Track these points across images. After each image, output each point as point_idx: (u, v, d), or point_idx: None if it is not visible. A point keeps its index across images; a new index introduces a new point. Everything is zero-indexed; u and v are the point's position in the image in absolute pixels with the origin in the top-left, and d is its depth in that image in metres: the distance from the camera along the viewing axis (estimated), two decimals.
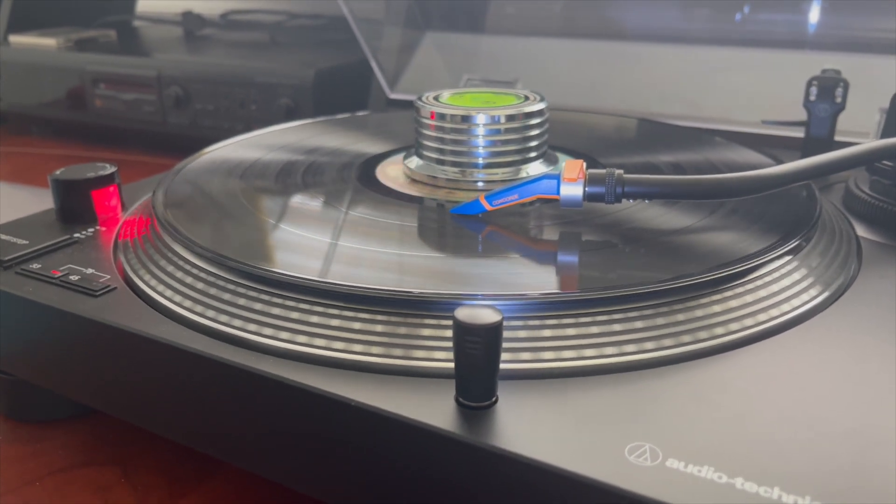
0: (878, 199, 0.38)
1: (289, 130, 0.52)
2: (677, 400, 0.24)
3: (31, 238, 0.37)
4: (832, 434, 0.22)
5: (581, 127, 0.53)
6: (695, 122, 0.57)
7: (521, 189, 0.34)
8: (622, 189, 0.32)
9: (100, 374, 0.32)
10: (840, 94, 0.47)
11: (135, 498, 0.32)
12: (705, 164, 0.43)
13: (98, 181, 0.39)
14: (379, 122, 0.56)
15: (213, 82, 0.73)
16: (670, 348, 0.26)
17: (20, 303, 0.32)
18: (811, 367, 0.25)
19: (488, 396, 0.23)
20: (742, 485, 0.20)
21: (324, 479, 0.26)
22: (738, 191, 0.33)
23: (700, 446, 0.21)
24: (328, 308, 0.28)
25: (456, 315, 0.22)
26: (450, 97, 0.41)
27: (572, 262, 0.32)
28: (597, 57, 0.66)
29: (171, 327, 0.29)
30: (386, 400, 0.24)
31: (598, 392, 0.24)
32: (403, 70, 0.72)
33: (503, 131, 0.38)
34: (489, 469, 0.22)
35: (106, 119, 0.80)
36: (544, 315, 0.27)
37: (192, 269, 0.31)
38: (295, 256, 0.32)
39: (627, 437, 0.22)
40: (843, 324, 0.28)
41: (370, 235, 0.34)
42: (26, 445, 0.36)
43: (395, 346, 0.26)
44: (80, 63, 0.80)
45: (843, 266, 0.32)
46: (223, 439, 0.29)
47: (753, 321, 0.28)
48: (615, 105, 0.62)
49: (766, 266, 0.30)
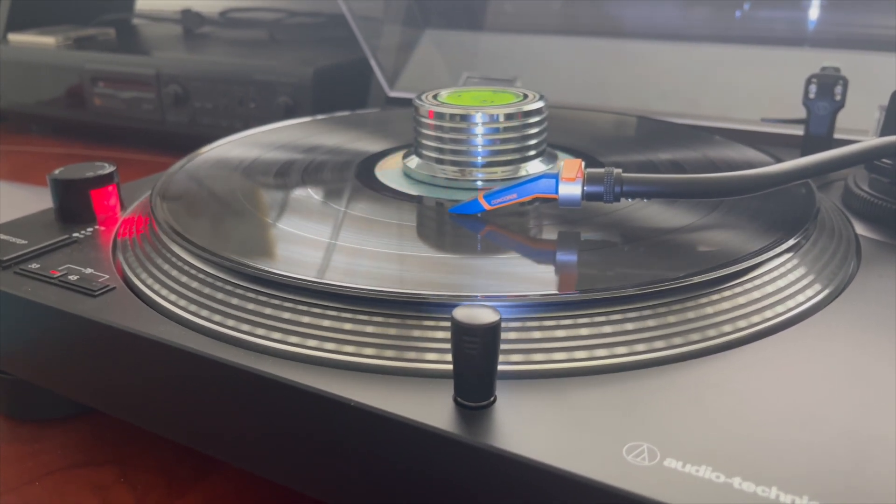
0: (877, 197, 0.38)
1: (288, 128, 0.52)
2: (675, 400, 0.24)
3: (29, 238, 0.37)
4: (831, 433, 0.22)
5: (580, 125, 0.53)
6: (694, 119, 0.57)
7: (520, 188, 0.34)
8: (621, 188, 0.32)
9: (98, 374, 0.32)
10: (839, 92, 0.47)
11: (133, 497, 0.33)
12: (704, 162, 0.43)
13: (97, 181, 0.39)
14: (378, 121, 0.56)
15: (212, 80, 0.73)
16: (669, 348, 0.26)
17: (19, 303, 0.32)
18: (810, 366, 0.25)
19: (487, 396, 0.23)
20: (740, 484, 0.20)
21: (322, 478, 0.26)
22: (736, 189, 0.33)
23: (698, 446, 0.21)
24: (327, 310, 0.28)
25: (454, 315, 0.22)
26: (448, 96, 0.41)
27: (571, 262, 0.32)
28: (596, 54, 0.66)
29: (171, 327, 0.29)
30: (384, 400, 0.24)
31: (597, 392, 0.24)
32: (403, 68, 0.72)
33: (502, 130, 0.38)
34: (488, 469, 0.22)
35: (105, 117, 0.80)
36: (543, 315, 0.27)
37: (190, 270, 0.31)
38: (294, 256, 0.32)
39: (625, 436, 0.22)
40: (843, 322, 0.28)
41: (369, 234, 0.34)
42: (25, 445, 0.36)
43: (393, 346, 0.26)
44: (78, 61, 0.80)
45: (842, 264, 0.32)
46: (222, 439, 0.29)
47: (752, 320, 0.28)
48: (614, 103, 0.62)
49: (765, 264, 0.30)
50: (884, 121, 0.42)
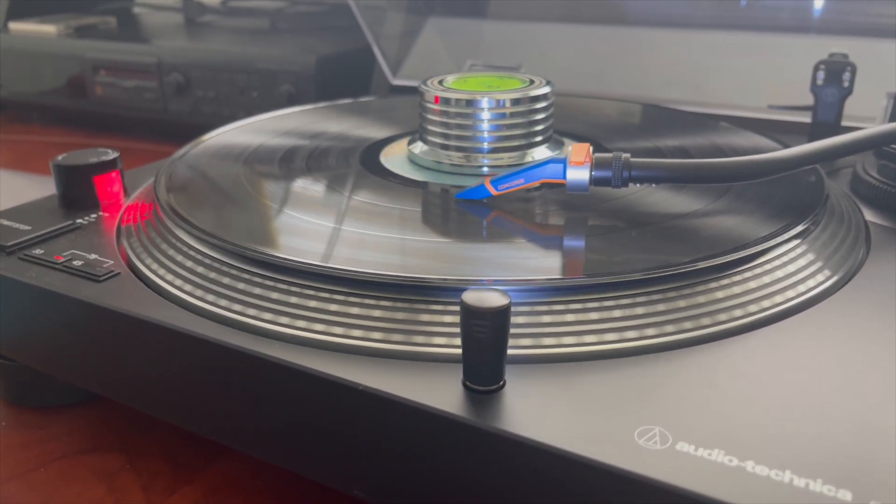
0: (886, 183, 0.37)
1: (291, 116, 0.52)
2: (687, 384, 0.23)
3: (33, 224, 0.36)
4: (843, 418, 0.22)
5: (586, 112, 0.53)
6: (700, 107, 0.57)
7: (527, 173, 0.33)
8: (629, 173, 0.32)
9: (103, 360, 0.31)
10: (847, 79, 0.46)
11: (139, 484, 0.32)
12: (711, 148, 0.43)
13: (100, 167, 0.39)
14: (382, 108, 0.56)
15: (213, 69, 0.73)
16: (679, 333, 0.26)
17: (23, 288, 0.32)
18: (821, 351, 0.25)
19: (496, 380, 0.23)
20: (753, 468, 0.20)
21: (330, 463, 0.26)
22: (746, 174, 0.32)
23: (710, 430, 0.21)
24: (334, 294, 0.27)
25: (463, 298, 0.22)
26: (454, 81, 0.41)
27: (579, 247, 0.31)
28: (601, 42, 0.65)
29: (176, 312, 0.29)
30: (393, 384, 0.24)
31: (607, 376, 0.24)
32: (406, 56, 0.72)
33: (508, 115, 0.38)
34: (497, 453, 0.22)
35: (106, 106, 0.80)
36: (552, 300, 0.27)
37: (196, 255, 0.31)
38: (300, 241, 0.31)
39: (637, 420, 0.22)
40: (852, 308, 0.28)
41: (374, 220, 0.33)
42: (31, 432, 0.36)
43: (402, 331, 0.26)
44: (79, 50, 0.80)
45: (851, 250, 0.32)
46: (228, 425, 0.29)
47: (762, 305, 0.27)
48: (619, 91, 0.61)
49: (774, 250, 0.30)
50: (892, 107, 0.42)
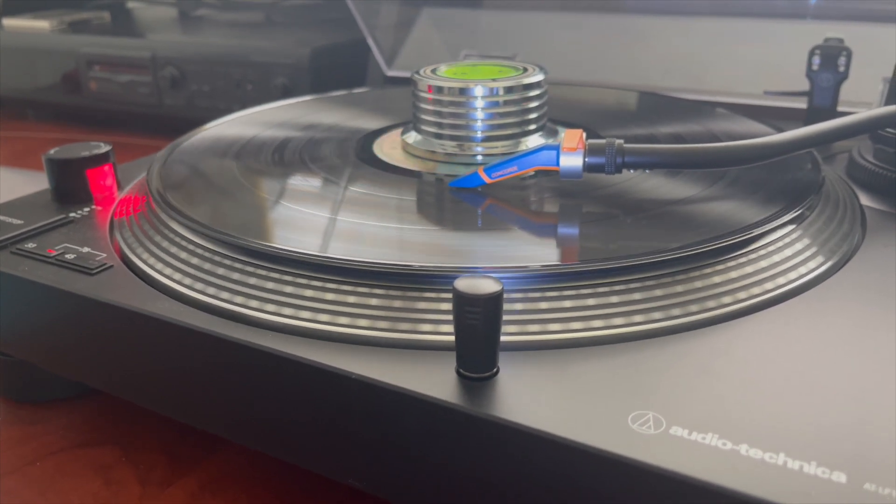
0: (881, 167, 0.37)
1: (285, 108, 0.51)
2: (680, 369, 0.23)
3: (26, 218, 0.36)
4: (836, 401, 0.22)
5: (581, 101, 0.52)
6: (696, 94, 0.57)
7: (520, 161, 0.33)
8: (622, 159, 0.32)
9: (98, 353, 0.31)
10: (843, 63, 0.46)
11: (136, 477, 0.32)
12: (707, 135, 0.43)
13: (92, 160, 0.39)
14: (376, 99, 0.55)
15: (208, 63, 0.72)
16: (673, 318, 0.26)
17: (16, 282, 0.32)
18: (815, 336, 0.25)
19: (489, 367, 0.23)
20: (747, 451, 0.20)
21: (325, 453, 0.26)
22: (740, 159, 0.32)
23: (704, 414, 0.21)
24: (327, 283, 0.27)
25: (456, 285, 0.22)
26: (447, 70, 0.41)
27: (573, 234, 0.31)
28: (596, 31, 0.65)
29: (170, 304, 0.29)
30: (386, 373, 0.24)
31: (601, 362, 0.24)
32: (401, 47, 0.71)
33: (502, 104, 0.38)
34: (491, 440, 0.22)
35: (101, 101, 0.80)
36: (545, 287, 0.26)
37: (189, 246, 0.31)
38: (294, 231, 0.31)
39: (630, 405, 0.22)
40: (847, 292, 0.28)
41: (368, 209, 0.33)
42: (26, 426, 0.36)
43: (395, 319, 0.26)
44: (73, 45, 0.80)
45: (847, 235, 0.32)
46: (225, 416, 0.29)
47: (757, 290, 0.27)
48: (616, 79, 0.61)
49: (769, 235, 0.30)
50: (888, 92, 0.42)
